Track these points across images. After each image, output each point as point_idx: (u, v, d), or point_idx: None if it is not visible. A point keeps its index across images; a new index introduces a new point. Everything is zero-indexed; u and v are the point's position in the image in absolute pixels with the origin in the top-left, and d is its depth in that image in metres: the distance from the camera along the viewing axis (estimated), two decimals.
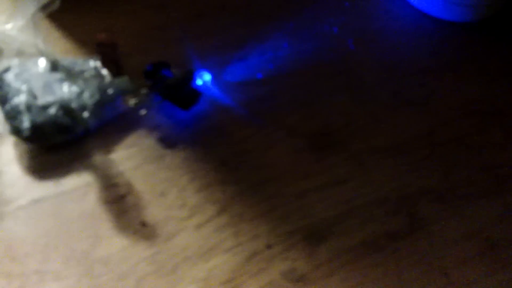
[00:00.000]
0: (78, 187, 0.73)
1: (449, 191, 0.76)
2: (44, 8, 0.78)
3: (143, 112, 0.79)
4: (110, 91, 0.79)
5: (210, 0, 0.99)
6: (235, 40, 0.92)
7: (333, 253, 0.69)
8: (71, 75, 0.80)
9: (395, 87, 0.88)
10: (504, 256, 0.70)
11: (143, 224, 0.71)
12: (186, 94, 0.79)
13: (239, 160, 0.77)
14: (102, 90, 0.79)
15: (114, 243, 0.69)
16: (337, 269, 0.68)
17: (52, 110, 0.75)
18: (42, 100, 0.75)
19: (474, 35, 0.97)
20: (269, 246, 0.70)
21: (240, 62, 0.88)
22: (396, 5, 1.00)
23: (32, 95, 0.76)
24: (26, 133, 0.74)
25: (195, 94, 0.80)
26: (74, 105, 0.76)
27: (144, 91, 0.80)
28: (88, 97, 0.78)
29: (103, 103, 0.78)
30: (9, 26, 0.84)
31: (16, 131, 0.74)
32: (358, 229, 0.72)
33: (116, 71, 0.83)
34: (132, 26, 0.93)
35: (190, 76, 0.80)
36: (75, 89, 0.78)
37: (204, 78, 0.84)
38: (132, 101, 0.79)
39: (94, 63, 0.82)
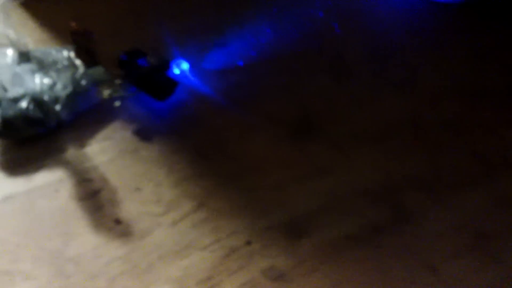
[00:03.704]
0: (50, 183, 0.71)
1: (436, 179, 0.73)
2: None
3: (117, 103, 0.76)
4: (84, 82, 0.76)
5: None
6: (216, 25, 0.89)
7: (314, 248, 0.67)
8: (43, 66, 0.77)
9: (378, 68, 0.85)
10: (494, 249, 0.67)
11: (117, 221, 0.68)
12: (162, 84, 0.77)
13: (216, 150, 0.75)
14: (75, 81, 0.76)
15: (87, 242, 0.66)
16: (318, 265, 0.65)
17: (23, 103, 0.72)
18: (12, 92, 0.72)
19: (461, 15, 0.94)
20: (248, 242, 0.67)
21: (220, 48, 0.85)
22: None
23: (2, 87, 0.73)
24: None
25: (171, 84, 0.77)
26: (46, 97, 0.74)
27: (118, 81, 0.77)
28: (61, 89, 0.75)
29: (76, 95, 0.76)
30: None
31: None
32: (340, 222, 0.69)
33: (90, 61, 0.80)
34: (108, 12, 0.90)
35: (165, 66, 0.77)
36: (47, 80, 0.75)
37: (181, 67, 0.81)
38: (106, 92, 0.77)
39: (67, 53, 0.79)
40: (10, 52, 0.74)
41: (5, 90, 0.73)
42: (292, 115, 0.79)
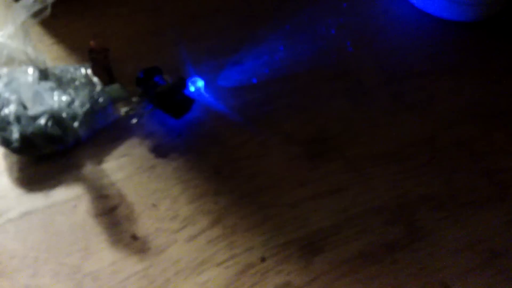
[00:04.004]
0: (68, 199, 0.72)
1: (450, 198, 0.73)
2: (35, 15, 0.77)
3: (134, 120, 0.77)
4: (101, 99, 0.77)
5: (204, 2, 0.97)
6: (230, 43, 0.90)
7: (329, 265, 0.67)
8: (61, 83, 0.78)
9: (395, 90, 0.86)
10: (507, 267, 0.68)
11: (134, 237, 0.69)
12: (178, 102, 0.77)
13: (233, 168, 0.75)
14: (93, 98, 0.77)
15: (104, 257, 0.67)
16: (333, 282, 0.66)
17: (42, 121, 0.74)
18: (32, 110, 0.74)
19: (476, 35, 0.94)
20: (263, 259, 0.68)
21: (234, 66, 0.86)
22: (395, 4, 0.97)
23: (22, 105, 0.74)
24: (15, 144, 0.73)
25: (187, 102, 0.78)
26: (64, 114, 0.75)
27: (135, 99, 0.78)
28: (79, 106, 0.76)
29: (94, 112, 0.77)
30: None
31: (5, 142, 0.73)
32: (355, 240, 0.69)
33: (107, 78, 0.81)
34: (124, 31, 0.91)
35: (182, 84, 0.78)
36: (65, 98, 0.76)
37: (197, 84, 0.82)
38: (123, 110, 0.77)
39: (85, 70, 0.80)
40: (31, 71, 0.75)
41: (24, 107, 0.74)
42: (308, 134, 0.79)
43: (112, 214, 0.71)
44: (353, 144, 0.79)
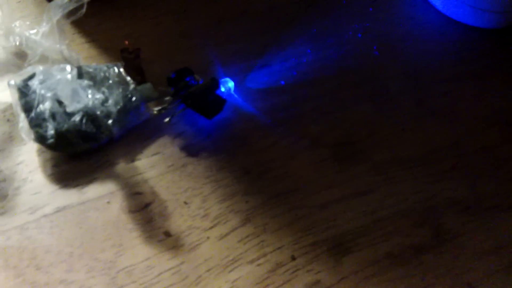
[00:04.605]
0: (101, 195, 0.73)
1: (476, 202, 0.75)
2: (69, 14, 0.78)
3: (166, 120, 0.79)
4: (134, 98, 0.79)
5: (231, 5, 0.98)
6: (257, 46, 0.91)
7: (357, 266, 0.69)
8: (95, 82, 0.80)
9: (420, 95, 0.87)
10: None
11: (167, 234, 0.70)
12: (211, 103, 0.79)
13: (261, 169, 0.77)
14: (126, 97, 0.79)
15: (138, 253, 0.69)
16: (361, 281, 0.68)
17: (77, 118, 0.75)
18: (70, 107, 0.75)
19: (500, 42, 0.96)
20: (293, 258, 0.69)
21: (262, 68, 0.88)
22: (421, 10, 0.99)
23: (57, 102, 0.75)
24: (51, 140, 0.74)
25: (220, 102, 0.80)
26: (98, 112, 0.76)
27: (167, 98, 0.80)
28: (113, 105, 0.77)
29: (127, 111, 0.78)
30: (33, 31, 0.85)
31: (40, 138, 0.74)
32: (383, 241, 0.71)
33: (139, 78, 0.83)
34: (152, 32, 0.92)
35: (214, 84, 0.80)
36: (99, 96, 0.78)
37: (227, 85, 0.83)
38: (155, 109, 0.79)
39: (118, 69, 0.82)
40: (68, 68, 0.77)
41: (60, 104, 0.75)
42: (334, 137, 0.81)
43: (145, 211, 0.72)
44: (379, 148, 0.80)
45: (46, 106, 0.75)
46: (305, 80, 0.87)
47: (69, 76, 0.76)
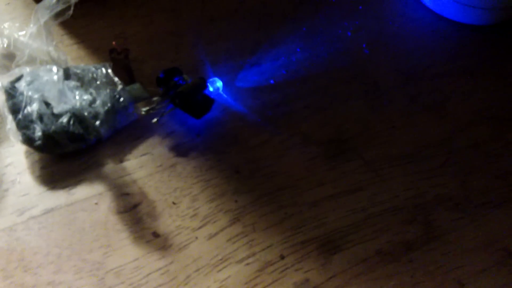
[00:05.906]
0: (90, 196, 0.73)
1: (466, 199, 0.75)
2: (57, 15, 0.78)
3: (154, 120, 0.78)
4: (122, 98, 0.78)
5: (223, 4, 0.98)
6: (247, 44, 0.91)
7: (347, 264, 0.68)
8: (83, 82, 0.79)
9: (411, 92, 0.87)
10: None
11: (156, 234, 0.70)
12: (199, 103, 0.79)
13: (251, 168, 0.77)
14: (114, 98, 0.78)
15: (127, 254, 0.68)
16: (350, 280, 0.67)
17: (65, 119, 0.75)
18: (57, 109, 0.75)
19: (491, 39, 0.95)
20: (282, 257, 0.69)
21: (252, 67, 0.87)
22: (411, 7, 0.99)
23: (45, 103, 0.75)
24: (38, 142, 0.74)
25: (208, 102, 0.79)
26: (86, 113, 0.76)
27: (156, 98, 0.79)
28: (100, 105, 0.77)
29: (115, 111, 0.78)
30: (22, 33, 0.84)
31: (28, 140, 0.74)
32: (373, 239, 0.71)
33: (128, 78, 0.83)
34: (143, 31, 0.92)
35: (202, 84, 0.79)
36: (87, 97, 0.77)
37: (215, 85, 0.83)
38: (144, 109, 0.79)
39: (106, 70, 0.81)
40: (55, 69, 0.77)
41: (47, 106, 0.75)
42: (326, 135, 0.80)
43: (133, 212, 0.72)
44: (371, 145, 0.80)
45: (33, 108, 0.75)
46: (295, 78, 0.87)
47: (55, 77, 0.75)
